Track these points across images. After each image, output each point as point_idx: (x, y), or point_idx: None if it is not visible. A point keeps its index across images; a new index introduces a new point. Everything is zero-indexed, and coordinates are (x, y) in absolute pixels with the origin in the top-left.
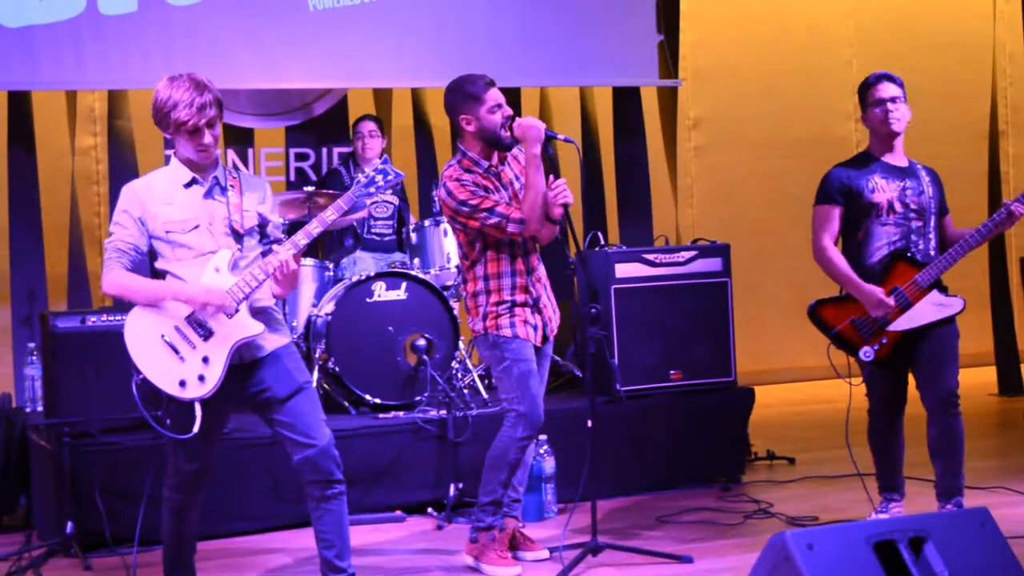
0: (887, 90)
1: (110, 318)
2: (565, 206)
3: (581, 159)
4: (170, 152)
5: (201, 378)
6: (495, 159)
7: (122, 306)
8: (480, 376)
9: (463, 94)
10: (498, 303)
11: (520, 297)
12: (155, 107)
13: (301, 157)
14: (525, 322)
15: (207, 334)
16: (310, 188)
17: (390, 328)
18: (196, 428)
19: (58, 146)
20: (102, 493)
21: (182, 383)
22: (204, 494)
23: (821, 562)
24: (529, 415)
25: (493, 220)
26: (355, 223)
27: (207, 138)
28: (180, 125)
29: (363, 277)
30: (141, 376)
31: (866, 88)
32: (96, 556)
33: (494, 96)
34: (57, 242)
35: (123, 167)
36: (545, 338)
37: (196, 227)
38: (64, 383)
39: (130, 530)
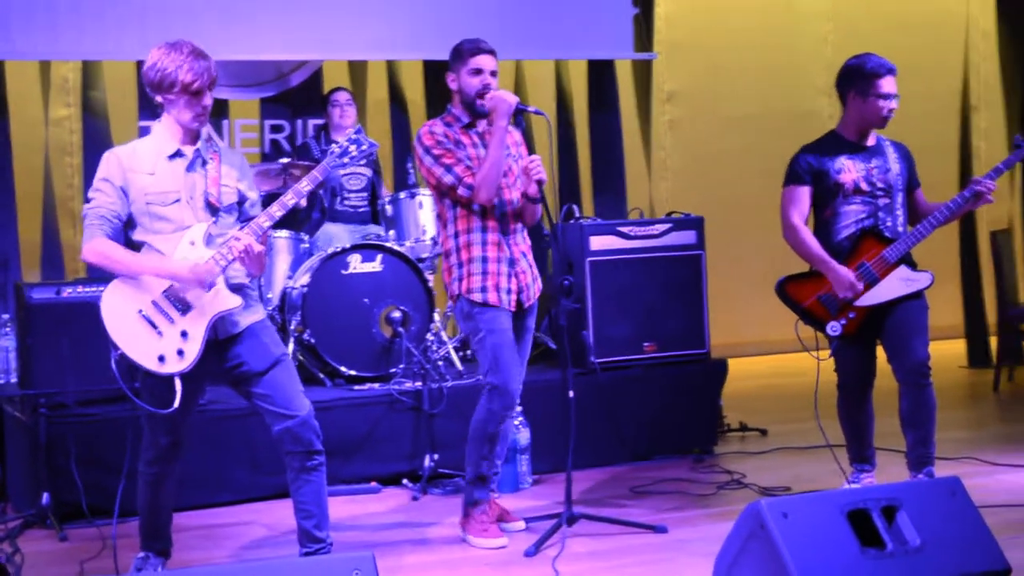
0: (892, 86)
1: (85, 289)
2: (540, 183)
3: (550, 132)
4: (145, 123)
5: (180, 352)
6: (483, 123)
7: (96, 277)
8: (455, 348)
9: (454, 52)
10: (470, 260)
11: (492, 253)
12: (154, 70)
13: (276, 129)
14: (497, 287)
15: (185, 308)
16: (285, 160)
17: (365, 300)
18: (177, 403)
19: (31, 117)
20: (78, 464)
21: (161, 358)
22: (179, 465)
23: (795, 530)
24: (503, 387)
25: (448, 179)
26: (322, 196)
27: (208, 99)
28: (187, 86)
29: (339, 249)
30: (119, 352)
31: (869, 76)
32: (72, 527)
33: (478, 61)
34: (30, 212)
35: (97, 138)
36: (521, 305)
37: (177, 200)
38: (39, 354)
39: (106, 501)
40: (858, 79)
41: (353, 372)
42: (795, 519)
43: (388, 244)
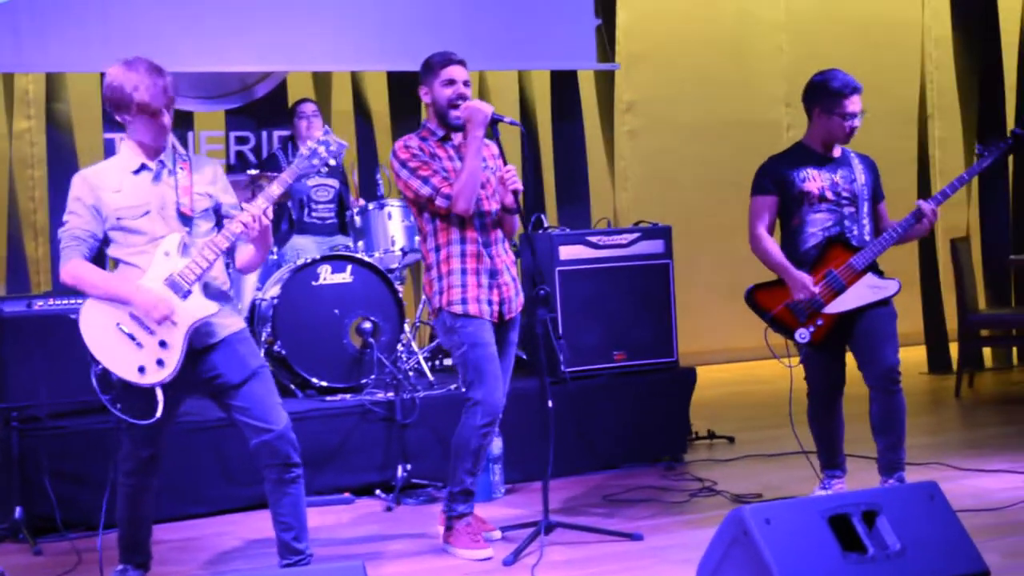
0: (857, 104)
1: (57, 302)
2: (516, 193)
3: (523, 142)
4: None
5: (160, 362)
6: (458, 135)
7: (67, 290)
8: (425, 358)
9: (424, 66)
10: (449, 272)
11: (471, 264)
12: (112, 89)
13: (241, 140)
14: (478, 298)
15: (163, 318)
16: (253, 172)
17: (336, 311)
18: (159, 413)
19: None
20: (51, 478)
21: (141, 369)
22: (159, 477)
23: (778, 536)
24: (485, 401)
25: (426, 191)
26: (290, 208)
27: (166, 118)
28: (144, 107)
29: (309, 260)
30: (101, 366)
31: (834, 95)
32: (46, 541)
33: (450, 72)
34: None
35: (61, 150)
36: (502, 317)
37: (147, 212)
38: (11, 368)
39: (80, 514)
40: (824, 97)
41: (324, 383)
42: (777, 525)
43: (358, 255)
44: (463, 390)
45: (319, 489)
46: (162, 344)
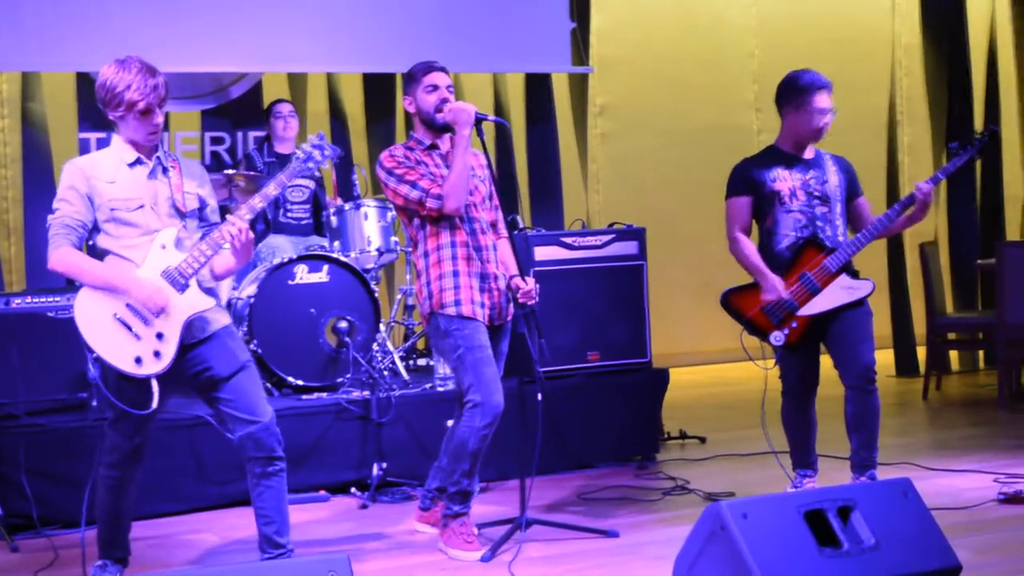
0: (827, 100)
1: (35, 300)
2: (524, 306)
3: (508, 138)
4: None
5: (157, 354)
6: (445, 144)
7: (43, 288)
8: (400, 357)
9: (406, 76)
10: (440, 276)
11: (463, 267)
12: (104, 88)
13: (216, 141)
14: (472, 300)
15: (159, 310)
16: (230, 171)
17: (312, 310)
18: (155, 403)
19: None
20: (28, 475)
21: (138, 360)
22: (140, 470)
23: (755, 530)
24: (485, 403)
25: (415, 194)
26: (266, 208)
27: (158, 118)
28: (132, 105)
29: (285, 259)
30: (95, 355)
31: (804, 91)
32: (23, 538)
33: (431, 79)
34: None
35: (36, 150)
36: (491, 322)
37: (141, 206)
38: None
39: (57, 512)
40: (794, 94)
41: (300, 382)
42: (754, 520)
43: (334, 255)
44: (464, 392)
45: (295, 487)
46: (159, 336)
